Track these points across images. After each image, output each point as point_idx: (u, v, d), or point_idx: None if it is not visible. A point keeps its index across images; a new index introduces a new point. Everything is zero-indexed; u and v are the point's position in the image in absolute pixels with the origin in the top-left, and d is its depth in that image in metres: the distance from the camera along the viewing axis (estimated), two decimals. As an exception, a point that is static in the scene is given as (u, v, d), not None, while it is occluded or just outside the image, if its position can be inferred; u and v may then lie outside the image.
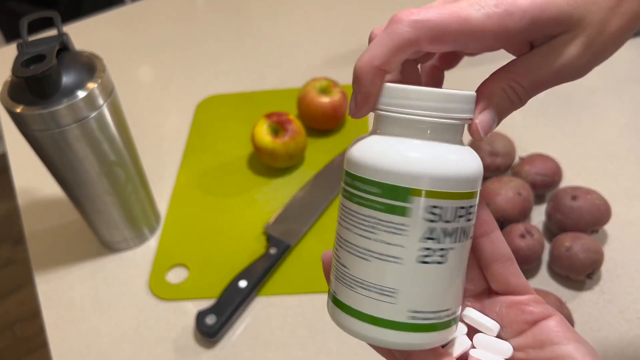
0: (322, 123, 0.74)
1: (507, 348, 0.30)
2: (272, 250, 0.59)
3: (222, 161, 0.74)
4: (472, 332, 0.31)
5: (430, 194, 0.26)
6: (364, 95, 0.28)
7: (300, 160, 0.72)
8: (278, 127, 0.68)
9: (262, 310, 0.56)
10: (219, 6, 1.10)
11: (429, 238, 0.27)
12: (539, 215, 0.61)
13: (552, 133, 0.72)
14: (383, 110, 0.28)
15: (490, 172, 0.63)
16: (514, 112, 0.30)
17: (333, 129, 0.76)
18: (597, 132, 0.71)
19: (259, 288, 0.57)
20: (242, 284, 0.56)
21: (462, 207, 0.27)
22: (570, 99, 0.77)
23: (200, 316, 0.54)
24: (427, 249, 0.27)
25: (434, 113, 0.27)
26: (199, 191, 0.70)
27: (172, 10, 1.10)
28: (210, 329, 0.53)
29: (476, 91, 0.29)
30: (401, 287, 0.27)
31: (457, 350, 0.30)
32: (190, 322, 0.56)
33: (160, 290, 0.59)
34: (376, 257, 0.27)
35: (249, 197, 0.69)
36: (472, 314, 0.31)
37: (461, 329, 0.31)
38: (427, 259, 0.27)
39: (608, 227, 0.59)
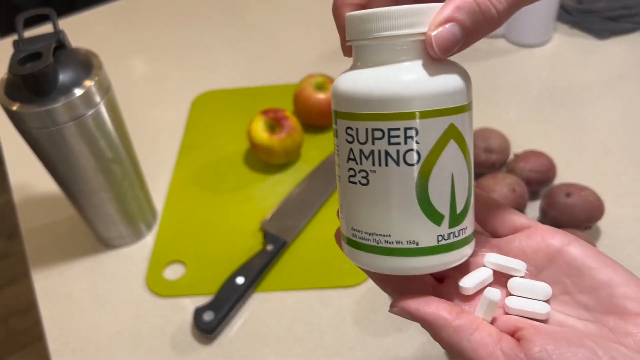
0: (318, 119, 0.74)
1: (545, 289, 0.28)
2: (269, 247, 0.59)
3: (218, 157, 0.74)
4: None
5: (342, 115, 0.28)
6: (338, 30, 0.30)
7: (297, 157, 0.72)
8: (274, 123, 0.68)
9: (259, 307, 0.57)
10: (215, 1, 1.09)
11: (350, 159, 0.28)
12: (533, 212, 0.61)
13: (546, 130, 0.72)
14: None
15: (485, 168, 0.63)
16: (509, 109, 0.29)
17: (329, 125, 0.76)
18: (590, 128, 0.72)
19: (256, 284, 0.58)
20: (240, 280, 0.56)
21: (378, 129, 0.26)
22: (564, 96, 0.77)
23: (198, 312, 0.54)
24: (350, 169, 0.28)
25: (360, 36, 0.27)
26: (195, 187, 0.70)
27: (167, 4, 1.10)
28: (207, 325, 0.53)
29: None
30: (343, 203, 0.29)
31: (484, 304, 0.28)
32: (187, 318, 0.56)
33: (157, 286, 0.59)
34: (336, 179, 0.30)
35: (246, 193, 0.69)
36: (494, 258, 0.30)
37: (486, 275, 0.29)
38: (352, 179, 0.28)
39: (601, 224, 0.59)
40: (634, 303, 0.26)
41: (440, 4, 0.26)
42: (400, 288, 0.30)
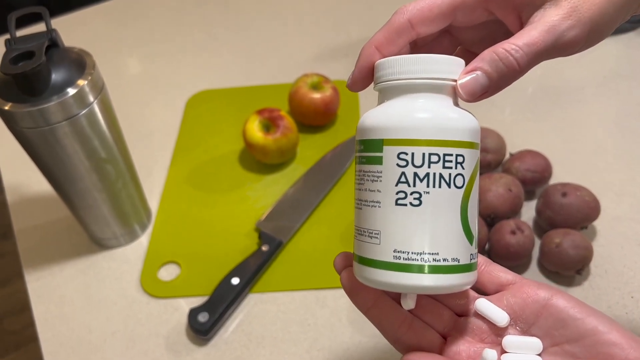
0: (313, 119, 0.74)
1: (536, 343, 0.31)
2: (264, 247, 0.59)
3: (213, 157, 0.74)
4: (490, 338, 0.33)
5: (393, 142, 0.30)
6: (359, 68, 0.33)
7: (292, 157, 0.72)
8: (269, 123, 0.68)
9: (254, 307, 0.56)
10: (210, 0, 1.09)
11: (400, 182, 0.30)
12: (529, 212, 0.61)
13: (541, 129, 0.72)
14: (374, 83, 0.33)
15: (481, 168, 0.63)
16: (504, 109, 0.31)
17: (325, 125, 0.76)
18: (585, 128, 0.72)
19: (251, 285, 0.57)
20: (235, 281, 0.56)
21: (435, 154, 0.29)
22: (558, 95, 0.77)
23: (193, 313, 0.54)
24: (400, 191, 0.30)
25: (400, 77, 0.31)
26: (190, 187, 0.70)
27: (162, 3, 1.09)
28: (202, 327, 0.53)
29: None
30: (383, 228, 0.30)
31: None
32: (182, 319, 0.56)
33: (152, 287, 0.59)
34: (365, 205, 0.31)
35: (241, 193, 0.68)
36: (483, 304, 0.33)
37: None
38: (400, 201, 0.30)
39: (597, 223, 0.59)
40: (617, 348, 0.28)
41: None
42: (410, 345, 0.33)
